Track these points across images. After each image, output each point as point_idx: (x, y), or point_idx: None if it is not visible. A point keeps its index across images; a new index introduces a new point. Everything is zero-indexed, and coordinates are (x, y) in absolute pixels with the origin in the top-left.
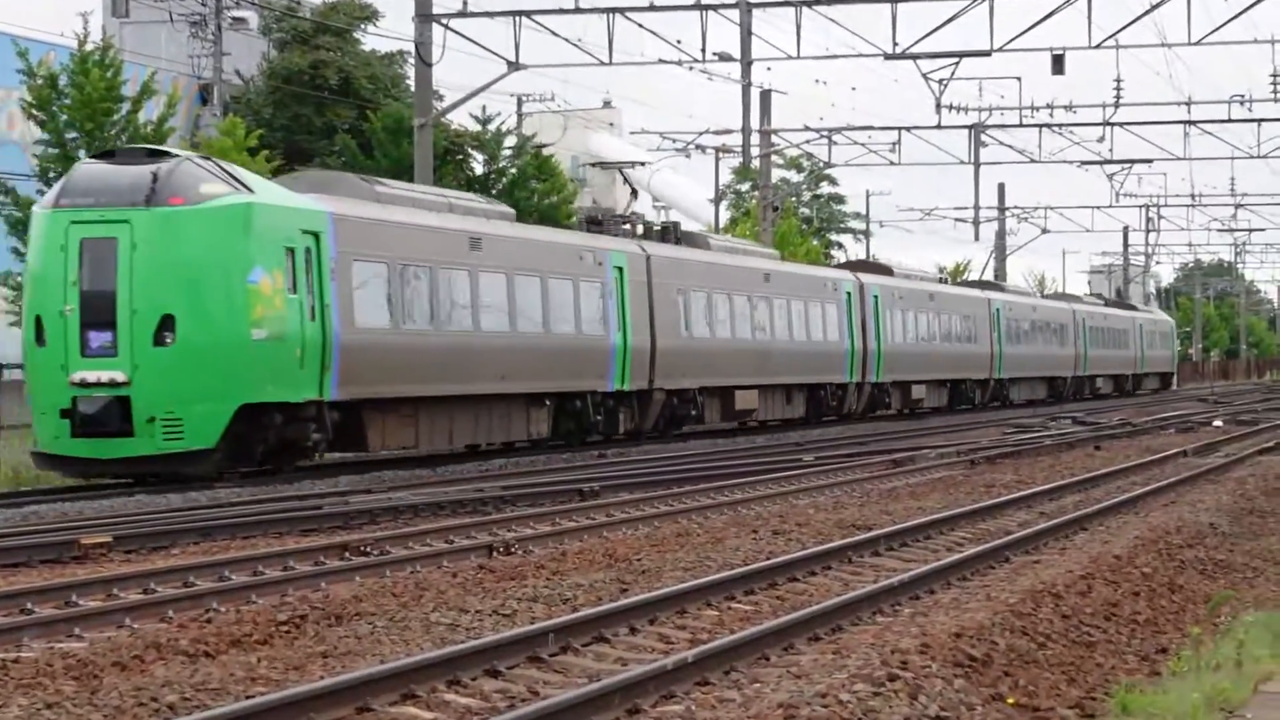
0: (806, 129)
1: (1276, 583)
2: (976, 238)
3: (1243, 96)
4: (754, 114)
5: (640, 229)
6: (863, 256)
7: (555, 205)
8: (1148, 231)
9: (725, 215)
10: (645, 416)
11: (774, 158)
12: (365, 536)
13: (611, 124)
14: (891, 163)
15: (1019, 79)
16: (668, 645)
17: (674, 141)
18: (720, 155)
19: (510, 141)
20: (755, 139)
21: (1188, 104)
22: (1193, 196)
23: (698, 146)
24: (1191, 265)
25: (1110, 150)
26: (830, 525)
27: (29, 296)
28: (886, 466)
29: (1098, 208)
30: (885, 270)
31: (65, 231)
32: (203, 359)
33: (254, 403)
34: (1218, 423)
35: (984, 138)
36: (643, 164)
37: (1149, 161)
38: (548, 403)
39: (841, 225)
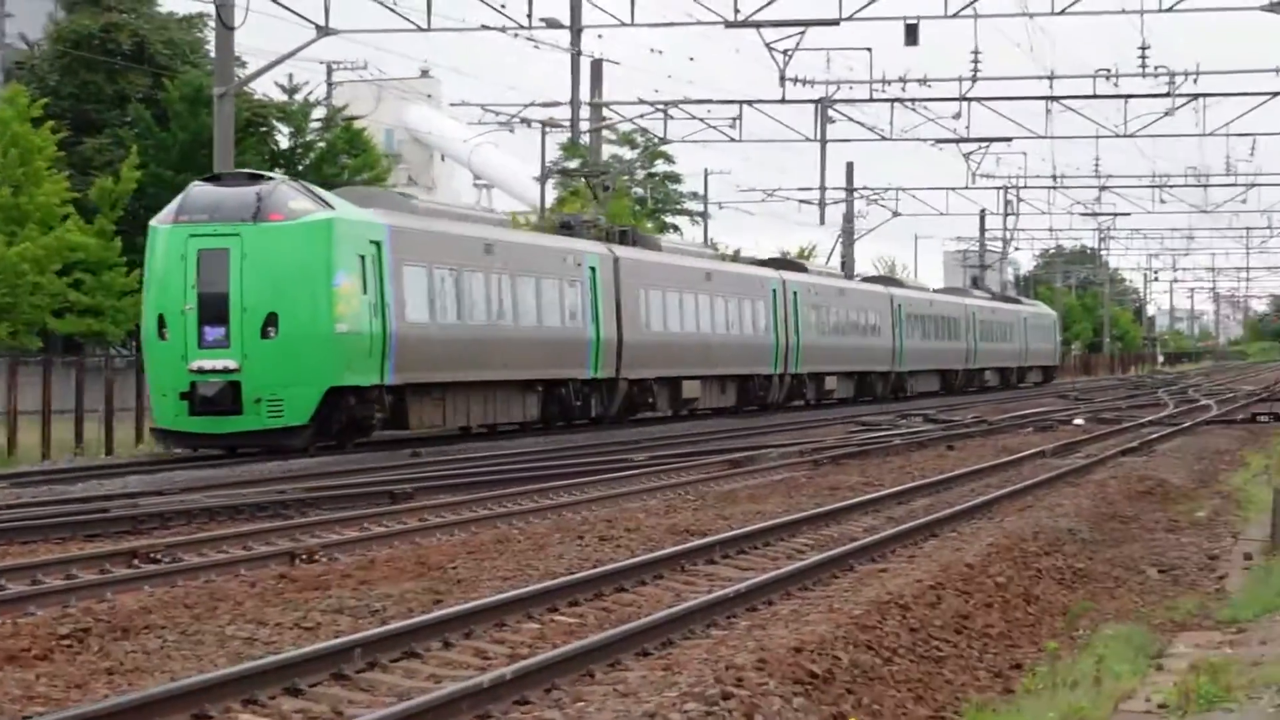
0: (641, 102)
1: (1139, 593)
2: (822, 221)
3: (1108, 71)
4: (584, 85)
5: (604, 232)
6: (700, 239)
7: (367, 184)
8: (1006, 215)
9: (552, 194)
10: (611, 403)
11: (605, 133)
12: (156, 542)
13: (429, 95)
14: (732, 139)
15: (869, 50)
16: (484, 661)
17: (497, 114)
18: (547, 129)
19: (319, 113)
20: (585, 112)
21: (1050, 78)
22: (1054, 178)
23: (523, 120)
24: (1052, 251)
25: (967, 128)
26: (662, 531)
27: (150, 297)
28: (724, 467)
29: (953, 189)
30: (800, 267)
31: (185, 242)
32: (299, 349)
33: (338, 385)
34: (1078, 421)
35: (831, 113)
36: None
37: (1008, 140)
38: (539, 389)
39: (678, 206)
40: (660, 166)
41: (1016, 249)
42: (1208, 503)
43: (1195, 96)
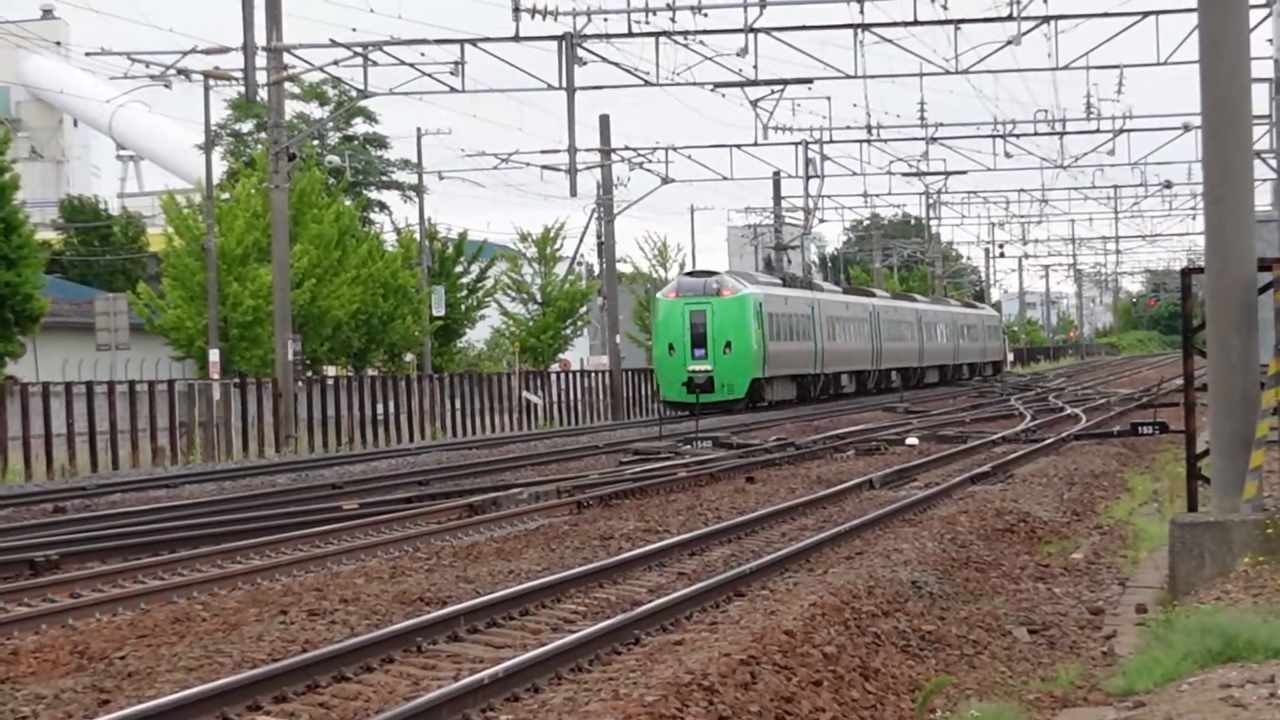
0: (334, 44)
1: (1006, 661)
2: (573, 191)
3: None
4: (259, 25)
5: (799, 281)
6: (414, 218)
7: None
8: (808, 178)
9: (221, 166)
10: (817, 387)
11: (289, 85)
12: None
13: (57, 42)
14: (453, 90)
15: None
16: None
17: (147, 65)
18: (212, 84)
19: None
20: (262, 60)
21: (860, 0)
22: (869, 129)
23: (181, 72)
24: (867, 222)
25: (755, 67)
26: (389, 600)
27: (661, 335)
28: (461, 514)
29: (739, 147)
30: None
31: (683, 308)
32: (742, 360)
33: (756, 378)
34: (911, 441)
35: (580, 52)
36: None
37: (808, 82)
38: (796, 380)
39: (385, 178)
40: (360, 127)
41: (822, 220)
42: (1085, 541)
43: (1045, 20)
